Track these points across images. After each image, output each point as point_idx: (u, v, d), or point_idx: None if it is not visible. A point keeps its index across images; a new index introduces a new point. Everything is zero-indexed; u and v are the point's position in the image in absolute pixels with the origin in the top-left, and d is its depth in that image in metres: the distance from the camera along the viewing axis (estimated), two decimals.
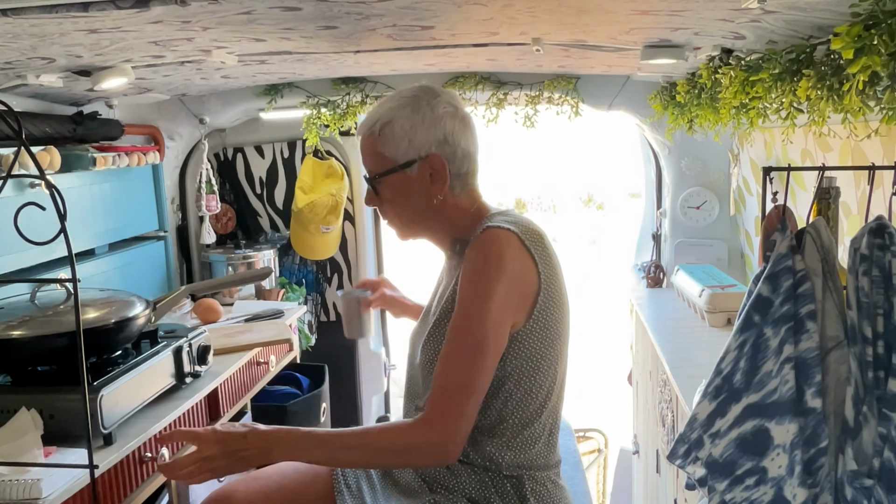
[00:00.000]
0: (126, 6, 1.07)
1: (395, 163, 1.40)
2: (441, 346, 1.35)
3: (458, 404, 1.27)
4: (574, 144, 13.10)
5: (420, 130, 1.38)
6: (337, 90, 2.78)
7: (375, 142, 1.40)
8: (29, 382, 1.49)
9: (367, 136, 1.42)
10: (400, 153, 1.39)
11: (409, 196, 1.42)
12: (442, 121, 1.39)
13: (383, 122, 1.39)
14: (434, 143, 1.38)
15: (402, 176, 1.40)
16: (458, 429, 1.27)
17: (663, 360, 2.13)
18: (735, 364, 1.25)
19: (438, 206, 1.42)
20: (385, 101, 1.44)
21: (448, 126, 1.39)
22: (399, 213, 1.46)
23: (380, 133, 1.40)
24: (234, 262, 2.99)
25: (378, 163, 1.42)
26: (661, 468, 2.43)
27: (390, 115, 1.39)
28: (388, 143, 1.39)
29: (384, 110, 1.41)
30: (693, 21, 1.37)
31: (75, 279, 0.82)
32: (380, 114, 1.41)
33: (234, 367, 1.97)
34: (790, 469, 1.22)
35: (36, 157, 0.83)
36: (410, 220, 1.46)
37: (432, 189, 1.40)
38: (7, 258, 1.84)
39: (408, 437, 1.29)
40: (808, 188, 1.96)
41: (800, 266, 1.23)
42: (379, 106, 1.43)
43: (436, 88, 1.43)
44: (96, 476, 1.16)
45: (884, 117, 1.10)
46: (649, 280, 3.04)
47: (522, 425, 1.37)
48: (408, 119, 1.38)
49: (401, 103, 1.40)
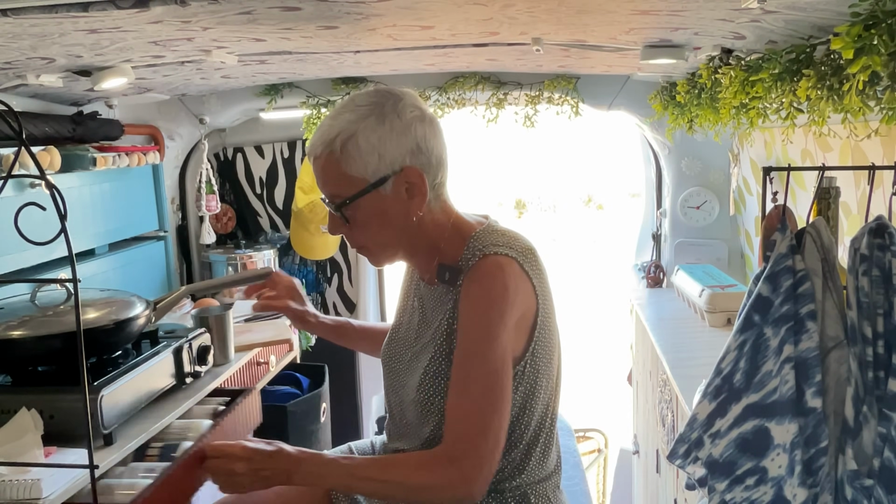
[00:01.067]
0: (126, 6, 1.07)
1: (365, 182, 1.23)
2: (441, 385, 1.29)
3: (481, 448, 1.19)
4: (574, 144, 13.12)
5: (390, 141, 1.22)
6: (337, 90, 2.78)
7: (338, 161, 1.22)
8: (29, 382, 1.49)
9: (327, 155, 1.23)
10: (370, 170, 1.22)
11: (385, 217, 1.26)
12: (411, 127, 1.23)
13: (345, 137, 1.21)
14: (407, 154, 1.23)
15: (375, 196, 1.24)
16: (482, 473, 1.20)
17: (663, 360, 2.13)
18: (735, 364, 1.25)
19: (416, 224, 1.28)
20: (339, 112, 1.25)
21: (419, 132, 1.24)
22: (373, 238, 1.30)
23: (342, 150, 1.22)
24: (234, 262, 2.99)
25: (343, 185, 1.24)
26: (661, 468, 2.43)
27: (352, 128, 1.21)
28: (353, 161, 1.22)
29: (342, 123, 1.22)
30: (693, 21, 1.37)
31: (75, 279, 0.82)
32: (339, 128, 1.22)
33: (233, 367, 1.96)
34: (790, 469, 1.22)
35: (36, 157, 0.83)
36: (387, 243, 1.32)
37: (411, 206, 1.26)
38: (7, 258, 1.84)
39: (436, 478, 1.21)
40: (808, 188, 1.96)
41: (800, 266, 1.23)
42: (333, 119, 1.24)
43: (395, 91, 1.27)
44: (96, 476, 1.16)
45: (884, 117, 1.10)
46: (649, 280, 3.04)
47: (526, 445, 1.34)
48: (373, 130, 1.21)
49: (361, 113, 1.22)
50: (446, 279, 1.30)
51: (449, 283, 1.30)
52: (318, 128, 1.28)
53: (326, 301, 3.39)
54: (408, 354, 1.40)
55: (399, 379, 1.42)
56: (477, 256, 1.26)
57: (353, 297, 3.40)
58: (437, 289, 1.35)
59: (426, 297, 1.39)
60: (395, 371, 1.43)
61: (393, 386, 1.44)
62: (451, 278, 1.29)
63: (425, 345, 1.35)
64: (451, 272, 1.29)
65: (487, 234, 1.30)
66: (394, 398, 1.45)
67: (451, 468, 1.20)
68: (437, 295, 1.36)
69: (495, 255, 1.25)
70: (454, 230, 1.32)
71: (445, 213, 1.33)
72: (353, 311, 3.40)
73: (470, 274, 1.26)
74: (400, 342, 1.44)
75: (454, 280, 1.29)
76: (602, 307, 8.35)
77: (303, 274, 3.34)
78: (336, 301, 3.40)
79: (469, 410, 1.21)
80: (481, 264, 1.25)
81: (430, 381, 1.32)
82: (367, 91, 1.29)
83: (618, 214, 13.38)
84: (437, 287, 1.35)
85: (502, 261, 1.25)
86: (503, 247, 1.27)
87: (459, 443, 1.21)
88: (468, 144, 6.36)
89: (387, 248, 1.33)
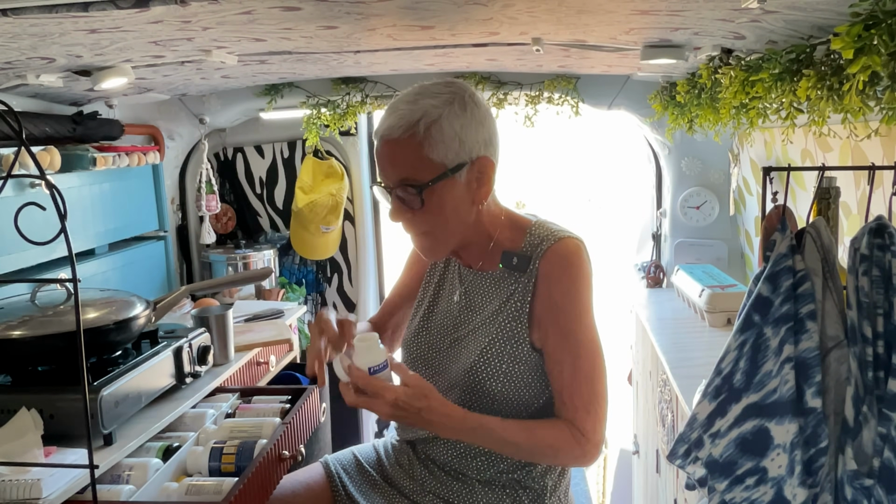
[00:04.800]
0: (126, 6, 1.07)
1: (443, 167, 1.23)
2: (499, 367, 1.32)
3: (600, 414, 1.29)
4: (574, 144, 13.09)
5: (470, 129, 1.24)
6: (337, 90, 2.78)
7: (420, 144, 1.21)
8: (29, 382, 1.49)
9: (408, 137, 1.22)
10: (450, 156, 1.23)
11: (454, 204, 1.27)
12: (487, 119, 1.28)
13: (429, 121, 1.21)
14: (482, 144, 1.26)
15: (451, 182, 1.25)
16: (603, 434, 1.30)
17: (663, 360, 2.13)
18: (735, 364, 1.25)
19: (476, 215, 1.31)
20: (416, 96, 1.25)
21: (493, 124, 1.29)
22: (440, 225, 1.29)
23: (425, 133, 1.21)
24: (234, 262, 2.99)
25: (421, 168, 1.23)
26: (661, 468, 2.42)
27: (437, 113, 1.22)
28: (436, 145, 1.22)
29: (425, 107, 1.22)
30: (693, 21, 1.37)
31: (75, 279, 0.82)
32: (422, 111, 1.22)
33: (234, 367, 1.96)
34: (790, 469, 1.21)
35: (36, 157, 0.83)
36: (452, 232, 1.31)
37: (478, 195, 1.29)
38: (7, 258, 1.84)
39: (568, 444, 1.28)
40: (808, 188, 1.96)
41: (800, 266, 1.23)
42: (411, 103, 1.24)
43: (464, 83, 1.30)
44: (96, 476, 1.16)
45: (884, 117, 1.10)
46: (649, 280, 3.04)
47: None
48: (457, 117, 1.22)
49: (444, 100, 1.23)
50: (514, 264, 1.34)
51: (517, 268, 1.34)
52: (390, 110, 1.26)
53: (326, 301, 3.39)
54: (446, 342, 1.42)
55: (433, 368, 1.42)
56: (549, 241, 1.33)
57: (353, 297, 3.40)
58: (489, 274, 1.39)
59: (472, 284, 1.42)
60: (429, 360, 1.43)
61: (424, 376, 1.44)
62: (519, 263, 1.34)
63: (474, 330, 1.37)
64: (519, 258, 1.34)
65: (548, 224, 1.38)
66: None
67: (583, 437, 1.28)
68: (490, 281, 1.39)
69: (570, 238, 1.33)
70: (508, 221, 1.38)
71: (497, 206, 1.39)
72: (353, 311, 3.40)
73: (548, 256, 1.31)
74: (434, 332, 1.44)
75: (524, 265, 1.33)
76: (602, 307, 8.34)
77: (303, 274, 3.34)
78: (336, 301, 3.40)
79: (583, 382, 1.29)
80: (559, 247, 1.32)
81: (486, 363, 1.33)
82: (437, 81, 1.29)
83: (618, 214, 13.37)
84: (490, 273, 1.39)
85: (578, 243, 1.34)
86: (571, 233, 1.36)
87: (582, 413, 1.28)
88: None
89: (451, 235, 1.33)
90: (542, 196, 15.14)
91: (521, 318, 1.32)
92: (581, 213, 15.24)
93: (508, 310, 1.34)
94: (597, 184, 14.40)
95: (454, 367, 1.38)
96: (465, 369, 1.35)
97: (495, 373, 1.32)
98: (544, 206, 15.54)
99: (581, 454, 1.29)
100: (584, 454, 1.29)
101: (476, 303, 1.40)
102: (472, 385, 1.34)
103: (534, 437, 1.29)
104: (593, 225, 13.04)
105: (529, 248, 1.34)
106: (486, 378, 1.32)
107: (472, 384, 1.34)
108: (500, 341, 1.33)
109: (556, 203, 15.13)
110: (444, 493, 1.39)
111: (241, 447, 1.49)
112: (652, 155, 3.09)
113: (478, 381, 1.33)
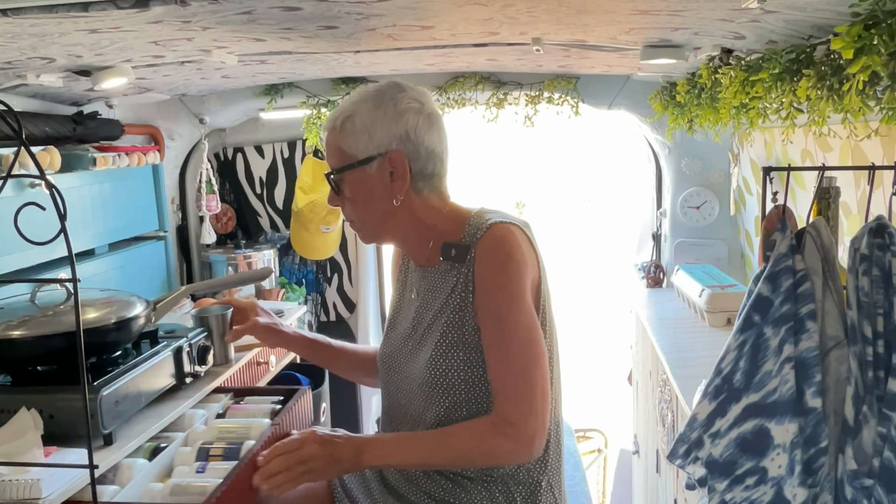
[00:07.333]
0: (126, 6, 1.07)
1: (354, 158, 1.35)
2: (455, 357, 1.33)
3: (533, 403, 1.27)
4: (574, 144, 13.08)
5: (381, 125, 1.33)
6: (337, 90, 2.78)
7: (337, 137, 1.36)
8: (29, 382, 1.49)
9: (331, 131, 1.38)
10: (360, 148, 1.35)
11: (369, 195, 1.37)
12: (404, 116, 1.34)
13: (345, 117, 1.35)
14: (395, 140, 1.33)
15: (362, 173, 1.36)
16: (540, 426, 1.28)
17: (663, 360, 2.14)
18: (735, 364, 1.25)
19: (404, 207, 1.37)
20: (351, 96, 1.40)
21: (411, 122, 1.34)
22: (360, 213, 1.41)
23: (341, 128, 1.36)
24: (234, 262, 2.99)
25: (338, 158, 1.38)
26: (661, 468, 2.42)
27: (352, 110, 1.35)
28: (348, 138, 1.35)
29: (347, 105, 1.37)
30: (693, 21, 1.37)
31: (75, 279, 0.82)
32: (343, 108, 1.37)
33: (234, 367, 1.96)
34: (790, 469, 1.21)
35: (36, 157, 0.83)
36: (372, 220, 1.42)
37: (393, 188, 1.36)
38: (7, 258, 1.84)
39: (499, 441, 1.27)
40: (808, 188, 1.96)
41: (800, 266, 1.23)
42: (344, 101, 1.40)
43: (403, 84, 1.38)
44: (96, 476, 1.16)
45: (884, 117, 1.10)
46: (649, 280, 3.04)
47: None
48: (369, 113, 1.34)
49: (363, 97, 1.36)
50: (452, 255, 1.37)
51: (456, 259, 1.36)
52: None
53: (326, 301, 3.39)
54: (409, 345, 1.44)
55: (401, 372, 1.44)
56: (483, 228, 1.34)
57: (353, 297, 3.40)
58: (435, 270, 1.41)
59: (422, 282, 1.44)
60: (395, 367, 1.46)
61: (393, 382, 1.46)
62: (457, 254, 1.36)
63: (429, 326, 1.39)
64: (457, 248, 1.36)
65: (486, 212, 1.40)
66: (394, 395, 1.46)
67: (510, 429, 1.26)
68: (436, 276, 1.41)
69: (502, 223, 1.34)
70: (451, 213, 1.41)
71: (441, 201, 1.42)
72: (353, 311, 3.40)
73: (481, 244, 1.33)
74: (398, 338, 1.47)
75: (462, 255, 1.35)
76: (602, 307, 8.34)
77: (303, 274, 3.34)
78: (336, 301, 3.40)
79: (513, 371, 1.28)
80: (490, 233, 1.33)
81: (441, 355, 1.35)
82: (381, 82, 1.40)
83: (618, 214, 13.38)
84: (435, 268, 1.41)
85: (510, 227, 1.34)
86: (506, 217, 1.36)
87: (512, 403, 1.27)
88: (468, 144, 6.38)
89: (371, 224, 1.43)
90: (542, 196, 15.15)
91: (466, 308, 1.34)
92: (581, 213, 15.25)
93: (454, 301, 1.36)
94: (597, 184, 14.40)
95: (416, 366, 1.40)
96: (424, 366, 1.37)
97: (452, 363, 1.34)
98: (544, 206, 15.56)
99: (513, 448, 1.27)
100: (516, 448, 1.27)
101: (428, 300, 1.42)
102: (433, 381, 1.36)
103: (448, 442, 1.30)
104: (593, 225, 13.04)
105: (468, 238, 1.36)
106: (444, 371, 1.34)
107: (433, 380, 1.36)
108: (452, 331, 1.35)
109: (556, 203, 15.14)
110: (439, 492, 1.39)
111: (229, 448, 1.48)
112: (652, 155, 3.09)
113: (437, 376, 1.35)
